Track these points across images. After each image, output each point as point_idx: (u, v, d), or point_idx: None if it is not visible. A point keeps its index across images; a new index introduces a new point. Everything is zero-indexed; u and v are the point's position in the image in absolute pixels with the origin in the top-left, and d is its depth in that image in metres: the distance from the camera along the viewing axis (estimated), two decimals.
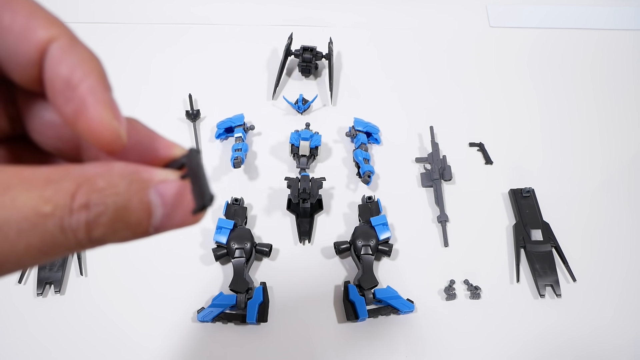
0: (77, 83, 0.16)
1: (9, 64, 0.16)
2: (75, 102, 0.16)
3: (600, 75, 0.77)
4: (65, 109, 0.16)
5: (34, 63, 0.16)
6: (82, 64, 0.16)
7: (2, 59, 0.16)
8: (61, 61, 0.16)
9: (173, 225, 0.17)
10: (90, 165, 0.16)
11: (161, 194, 0.16)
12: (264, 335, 0.52)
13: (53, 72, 0.15)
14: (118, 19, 0.81)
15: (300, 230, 0.59)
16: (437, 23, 0.83)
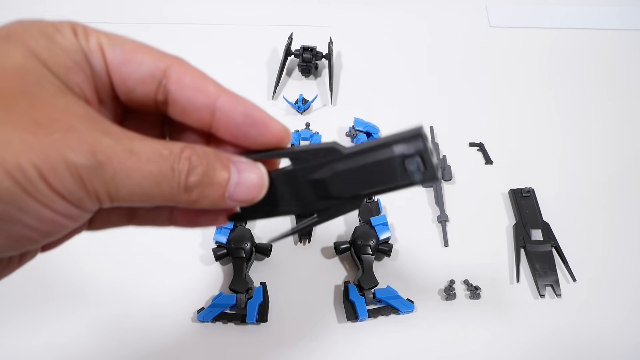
0: (254, 114, 0.24)
1: (188, 108, 0.23)
2: (260, 126, 0.24)
3: (601, 75, 0.77)
4: (252, 131, 0.24)
5: (208, 108, 0.23)
6: (247, 104, 0.24)
7: (182, 105, 0.23)
8: (234, 106, 0.23)
9: (242, 194, 0.23)
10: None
11: (237, 166, 0.23)
12: (264, 335, 0.52)
13: (231, 111, 0.23)
14: (118, 19, 0.81)
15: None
16: (436, 23, 0.83)
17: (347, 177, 0.23)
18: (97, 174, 0.19)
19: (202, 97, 0.23)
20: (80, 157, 0.18)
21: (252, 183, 0.23)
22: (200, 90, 0.23)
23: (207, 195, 0.22)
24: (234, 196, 0.22)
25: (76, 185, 0.19)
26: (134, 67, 0.22)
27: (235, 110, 0.23)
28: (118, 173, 0.19)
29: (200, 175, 0.21)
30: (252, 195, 0.23)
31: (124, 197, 0.20)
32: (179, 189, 0.21)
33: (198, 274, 0.56)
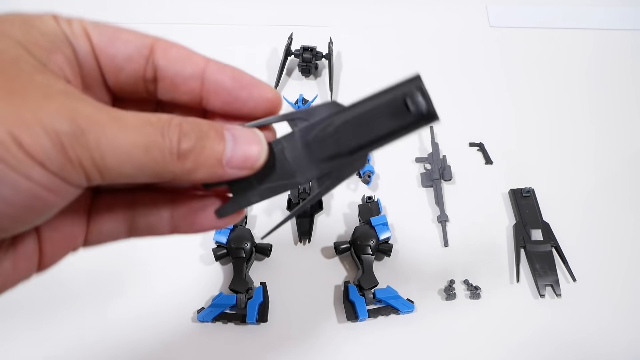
0: (242, 77, 0.23)
1: (177, 80, 0.23)
2: (248, 87, 0.23)
3: (601, 75, 0.77)
4: (241, 94, 0.23)
5: (197, 76, 0.23)
6: (235, 69, 0.24)
7: (171, 77, 0.23)
8: (222, 71, 0.23)
9: (240, 158, 0.21)
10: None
11: (232, 132, 0.22)
12: (264, 335, 0.52)
13: (219, 77, 0.23)
14: (117, 19, 0.81)
15: (300, 230, 0.59)
16: (436, 23, 0.83)
17: (348, 128, 0.22)
18: (79, 139, 0.18)
19: (190, 65, 0.23)
20: (60, 121, 0.17)
21: (249, 146, 0.22)
22: (187, 60, 0.23)
23: (203, 162, 0.21)
24: (232, 161, 0.21)
25: (56, 150, 0.17)
26: (120, 45, 0.22)
27: (224, 75, 0.23)
28: (102, 140, 0.18)
29: (193, 140, 0.20)
30: (252, 159, 0.22)
31: (111, 166, 0.19)
32: (172, 155, 0.20)
33: (198, 274, 0.56)
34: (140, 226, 0.24)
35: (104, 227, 0.24)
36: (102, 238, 0.24)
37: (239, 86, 0.23)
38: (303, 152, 0.23)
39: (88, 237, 0.24)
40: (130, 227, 0.24)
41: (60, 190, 0.18)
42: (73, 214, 0.23)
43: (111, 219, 0.24)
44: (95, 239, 0.24)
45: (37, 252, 0.22)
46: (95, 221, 0.24)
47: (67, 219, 0.23)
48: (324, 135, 0.23)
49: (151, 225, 0.24)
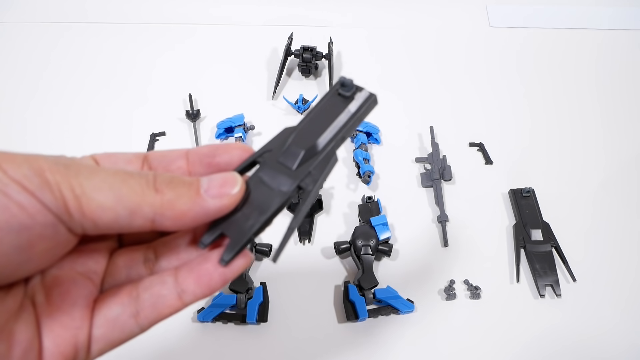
0: (216, 144, 0.28)
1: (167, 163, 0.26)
2: (222, 147, 0.26)
3: (601, 75, 0.77)
4: (217, 151, 0.26)
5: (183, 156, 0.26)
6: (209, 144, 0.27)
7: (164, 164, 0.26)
8: (200, 147, 0.26)
9: (217, 187, 0.23)
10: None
11: (207, 177, 0.23)
12: (264, 335, 0.52)
13: (198, 150, 0.26)
14: (118, 19, 0.81)
15: (300, 230, 0.59)
16: (436, 23, 0.83)
17: (304, 133, 0.26)
18: (60, 170, 0.19)
19: (176, 152, 0.26)
20: (45, 161, 0.20)
21: (222, 176, 0.23)
22: (173, 150, 0.26)
23: (181, 193, 0.22)
24: (210, 190, 0.23)
25: (36, 175, 0.19)
26: (119, 156, 0.25)
27: (201, 148, 0.26)
28: (82, 170, 0.20)
29: (168, 177, 0.22)
30: (229, 187, 0.23)
31: (90, 194, 0.20)
32: (149, 187, 0.21)
33: None
34: (145, 303, 0.23)
35: (109, 312, 0.23)
36: (108, 331, 0.23)
37: (214, 149, 0.26)
38: (278, 172, 0.25)
39: (93, 332, 0.23)
40: (136, 310, 0.23)
41: (36, 213, 0.19)
42: (73, 301, 0.23)
43: (115, 302, 0.23)
44: (101, 334, 0.23)
45: (36, 346, 0.21)
46: (99, 307, 0.23)
47: (66, 303, 0.22)
48: (288, 149, 0.25)
49: (156, 297, 0.23)
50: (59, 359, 0.22)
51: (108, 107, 0.70)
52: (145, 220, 0.21)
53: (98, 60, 0.76)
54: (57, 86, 0.72)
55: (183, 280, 0.23)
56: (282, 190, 0.24)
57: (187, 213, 0.22)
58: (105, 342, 0.23)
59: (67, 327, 0.22)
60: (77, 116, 0.69)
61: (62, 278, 0.23)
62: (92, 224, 0.20)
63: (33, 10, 0.81)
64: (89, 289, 0.23)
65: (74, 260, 0.23)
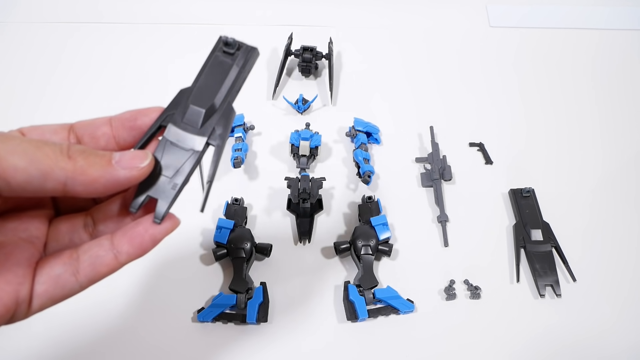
0: (136, 109, 0.29)
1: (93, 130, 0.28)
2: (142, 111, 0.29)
3: (601, 75, 0.77)
4: (138, 118, 0.29)
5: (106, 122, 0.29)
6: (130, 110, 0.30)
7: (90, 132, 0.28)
8: (121, 113, 0.29)
9: (128, 158, 0.25)
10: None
11: (121, 152, 0.26)
12: (264, 335, 0.52)
13: (120, 115, 0.29)
14: (118, 18, 0.81)
15: (300, 230, 0.59)
16: (436, 23, 0.83)
17: (201, 92, 0.28)
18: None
19: (100, 119, 0.28)
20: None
21: (133, 152, 0.25)
22: (97, 118, 0.28)
23: (92, 161, 0.24)
24: (122, 162, 0.25)
25: None
26: (46, 127, 0.27)
27: (123, 113, 0.28)
28: (0, 138, 0.21)
29: (81, 148, 0.24)
30: (138, 161, 0.25)
31: (4, 155, 0.21)
32: (62, 154, 0.23)
33: (198, 274, 0.56)
34: (85, 263, 0.26)
35: (52, 271, 0.25)
36: (50, 288, 0.25)
37: (135, 113, 0.28)
38: (185, 133, 0.28)
39: (35, 287, 0.25)
40: (76, 268, 0.26)
41: None
42: (16, 261, 0.25)
43: (57, 262, 0.26)
44: (43, 291, 0.25)
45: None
46: (42, 267, 0.25)
47: (10, 261, 0.24)
48: (191, 110, 0.28)
49: (94, 258, 0.26)
50: (1, 309, 0.24)
51: (110, 108, 0.70)
52: (57, 183, 0.23)
53: (101, 61, 0.76)
54: (65, 86, 0.72)
55: (118, 242, 0.26)
56: (193, 149, 0.27)
57: (98, 179, 0.24)
58: (46, 297, 0.25)
59: (9, 283, 0.24)
60: (83, 117, 0.69)
61: (5, 242, 0.25)
62: (6, 183, 0.21)
63: (39, 10, 0.81)
64: (31, 252, 0.26)
65: (15, 227, 0.26)
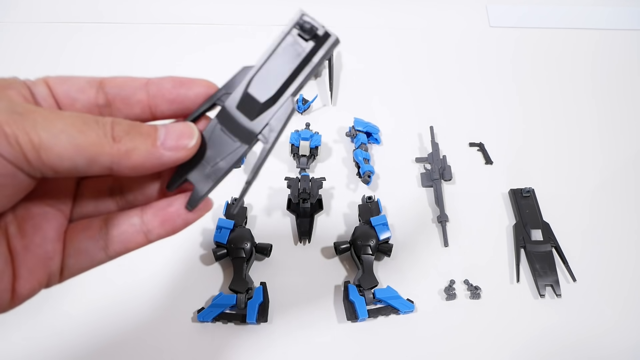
0: (179, 77, 0.27)
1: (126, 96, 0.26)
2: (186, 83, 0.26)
3: (601, 75, 0.77)
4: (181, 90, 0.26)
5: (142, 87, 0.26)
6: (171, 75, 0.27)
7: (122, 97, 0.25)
8: (161, 78, 0.26)
9: (173, 139, 0.23)
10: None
11: (164, 126, 0.24)
12: (264, 335, 0.52)
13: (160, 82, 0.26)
14: (118, 18, 0.81)
15: (300, 230, 0.59)
16: (436, 23, 0.83)
17: (264, 78, 0.25)
18: (16, 120, 0.19)
19: (135, 81, 0.25)
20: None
21: (180, 129, 0.24)
22: (131, 79, 0.26)
23: (137, 144, 0.22)
24: (166, 143, 0.23)
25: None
26: (72, 82, 0.25)
27: (163, 80, 0.26)
28: (39, 120, 0.20)
29: (126, 126, 0.22)
30: (185, 140, 0.24)
31: (47, 143, 0.20)
32: (106, 137, 0.21)
33: (198, 274, 0.56)
34: (115, 239, 0.26)
35: (81, 245, 0.25)
36: (80, 261, 0.25)
37: (179, 83, 0.26)
38: (238, 120, 0.25)
39: (65, 261, 0.25)
40: (105, 244, 0.25)
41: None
42: (44, 233, 0.24)
43: (86, 236, 0.25)
44: (73, 263, 0.25)
45: (10, 275, 0.23)
46: (71, 240, 0.25)
47: (38, 235, 0.24)
48: (248, 97, 0.25)
49: (124, 235, 0.26)
50: (34, 283, 0.24)
51: None
52: (102, 168, 0.22)
53: (100, 61, 0.76)
54: None
55: (149, 221, 0.25)
56: (242, 141, 0.25)
57: (144, 163, 0.23)
58: (76, 269, 0.25)
59: (40, 258, 0.24)
60: None
61: (34, 211, 0.24)
62: (52, 171, 0.21)
63: (39, 10, 0.81)
64: (59, 220, 0.25)
65: (43, 194, 0.25)
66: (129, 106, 0.25)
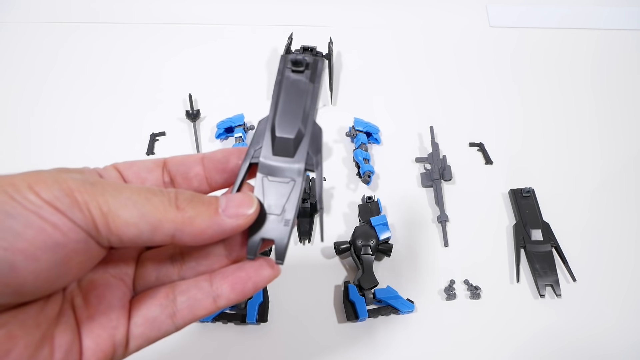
0: (227, 149, 0.28)
1: (186, 170, 0.28)
2: (234, 152, 0.28)
3: (601, 75, 0.77)
4: (231, 160, 0.27)
5: (198, 161, 0.28)
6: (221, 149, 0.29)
7: (182, 171, 0.28)
8: (213, 152, 0.28)
9: (234, 206, 0.24)
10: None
11: (224, 195, 0.25)
12: (264, 335, 0.52)
13: (212, 155, 0.28)
14: (118, 18, 0.81)
15: (300, 230, 0.59)
16: (436, 23, 0.83)
17: (283, 118, 0.27)
18: (87, 189, 0.21)
19: (192, 157, 0.28)
20: (73, 180, 0.21)
21: (240, 197, 0.25)
22: (189, 156, 0.28)
23: (200, 211, 0.23)
24: (228, 210, 0.24)
25: (66, 195, 0.20)
26: (141, 164, 0.27)
27: (215, 154, 0.28)
28: (108, 189, 0.22)
29: (189, 196, 0.24)
30: (245, 208, 0.24)
31: (115, 210, 0.21)
32: (170, 204, 0.23)
33: None
34: (182, 305, 0.25)
35: (148, 312, 0.25)
36: (146, 330, 0.25)
37: (228, 153, 0.28)
38: (281, 165, 0.26)
39: (131, 330, 0.25)
40: (173, 311, 0.25)
41: (68, 231, 0.20)
42: (109, 303, 0.25)
43: (153, 303, 0.25)
44: (139, 333, 0.25)
45: (78, 349, 0.23)
46: (138, 307, 0.25)
47: (103, 304, 0.24)
48: (279, 140, 0.26)
49: (192, 300, 0.25)
50: (99, 355, 0.24)
51: (109, 108, 0.70)
52: (165, 235, 0.23)
53: (98, 61, 0.76)
54: (62, 86, 0.72)
55: (218, 285, 0.25)
56: (293, 179, 0.26)
57: (206, 230, 0.23)
58: (143, 339, 0.25)
59: (105, 327, 0.24)
60: (81, 116, 0.69)
61: (97, 282, 0.25)
62: (118, 238, 0.22)
63: (37, 10, 0.81)
64: (123, 290, 0.26)
65: (106, 264, 0.26)
66: (188, 180, 0.27)
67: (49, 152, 0.65)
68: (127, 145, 0.66)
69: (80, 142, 0.67)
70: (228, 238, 0.26)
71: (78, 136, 0.67)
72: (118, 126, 0.68)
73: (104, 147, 0.66)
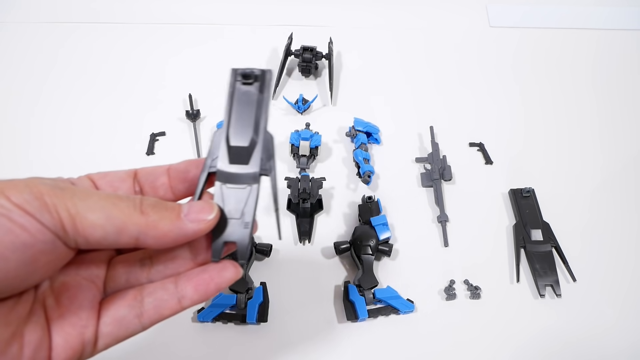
0: (190, 160, 0.30)
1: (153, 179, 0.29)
2: (194, 163, 0.29)
3: (601, 75, 0.77)
4: (191, 169, 0.29)
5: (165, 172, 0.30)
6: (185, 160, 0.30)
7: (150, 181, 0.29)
8: (178, 163, 0.30)
9: (196, 211, 0.26)
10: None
11: (189, 203, 0.26)
12: (264, 335, 0.52)
13: (177, 166, 0.30)
14: (118, 18, 0.81)
15: (300, 230, 0.59)
16: (436, 23, 0.83)
17: (236, 129, 0.29)
18: (56, 193, 0.22)
19: (160, 168, 0.29)
20: (44, 185, 0.22)
21: (201, 204, 0.26)
22: (157, 167, 0.29)
23: (164, 215, 0.25)
24: (189, 216, 0.25)
25: (35, 199, 0.22)
26: (113, 174, 0.29)
27: (179, 165, 0.29)
28: (77, 193, 0.23)
29: (153, 202, 0.25)
30: (205, 214, 0.26)
31: (83, 213, 0.22)
32: (135, 209, 0.24)
33: None
34: (149, 305, 0.27)
35: (117, 313, 0.26)
36: (114, 329, 0.26)
37: (188, 164, 0.29)
38: (237, 171, 0.28)
39: (100, 329, 0.26)
40: (140, 311, 0.27)
41: (37, 232, 0.22)
42: (80, 303, 0.26)
43: (122, 304, 0.27)
44: (108, 332, 0.26)
45: (47, 346, 0.24)
46: (107, 308, 0.27)
47: (74, 304, 0.26)
48: (234, 149, 0.28)
49: (158, 301, 0.27)
50: (69, 352, 0.25)
51: (109, 108, 0.70)
52: (130, 238, 0.24)
53: (98, 61, 0.76)
54: (62, 86, 0.72)
55: (183, 287, 0.27)
56: (250, 185, 0.28)
57: (168, 234, 0.25)
58: (111, 338, 0.26)
59: (75, 326, 0.25)
60: (81, 116, 0.69)
61: (70, 284, 0.26)
62: (85, 240, 0.23)
63: (37, 10, 0.81)
64: (93, 292, 0.27)
65: (78, 267, 0.27)
66: (154, 189, 0.29)
67: (49, 152, 0.65)
68: (127, 145, 0.66)
69: (80, 142, 0.66)
70: (194, 242, 0.27)
71: (78, 136, 0.67)
72: (118, 126, 0.68)
73: (104, 146, 0.66)
